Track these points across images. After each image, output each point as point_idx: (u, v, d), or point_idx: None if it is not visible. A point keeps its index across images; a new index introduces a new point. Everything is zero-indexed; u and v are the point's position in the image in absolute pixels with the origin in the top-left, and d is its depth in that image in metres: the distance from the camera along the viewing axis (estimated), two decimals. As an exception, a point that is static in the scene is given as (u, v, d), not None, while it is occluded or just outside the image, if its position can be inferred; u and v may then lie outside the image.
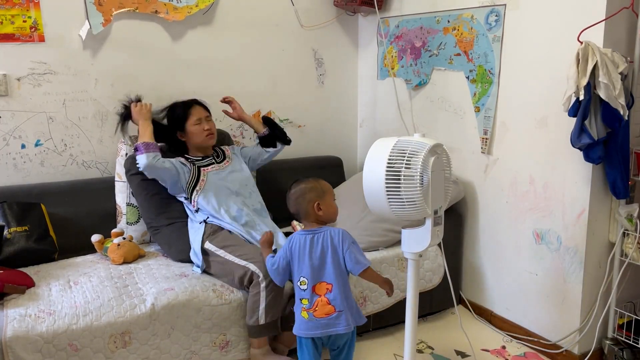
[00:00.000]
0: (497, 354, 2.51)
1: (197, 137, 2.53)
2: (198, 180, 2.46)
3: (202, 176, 2.48)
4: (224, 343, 2.16)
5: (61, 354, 1.87)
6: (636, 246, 2.22)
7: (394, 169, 1.79)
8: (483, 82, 2.64)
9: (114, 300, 2.01)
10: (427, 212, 1.83)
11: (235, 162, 2.65)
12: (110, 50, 2.75)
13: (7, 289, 1.97)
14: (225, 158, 2.63)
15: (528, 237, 2.53)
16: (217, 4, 2.97)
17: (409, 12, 3.03)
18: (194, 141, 2.55)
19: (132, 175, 2.52)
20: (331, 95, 3.46)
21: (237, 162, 2.66)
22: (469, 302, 2.85)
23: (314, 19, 3.29)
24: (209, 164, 2.54)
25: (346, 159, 3.46)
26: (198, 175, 2.48)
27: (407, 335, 2.03)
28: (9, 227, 2.30)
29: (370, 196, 1.85)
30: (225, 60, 3.06)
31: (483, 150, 2.69)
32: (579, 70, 2.02)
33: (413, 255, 1.96)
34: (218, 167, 2.55)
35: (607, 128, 2.11)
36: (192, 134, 2.53)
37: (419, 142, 1.82)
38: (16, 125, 2.59)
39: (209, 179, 2.47)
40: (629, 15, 2.13)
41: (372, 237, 2.60)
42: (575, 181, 2.29)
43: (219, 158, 2.61)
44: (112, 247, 2.38)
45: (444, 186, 1.93)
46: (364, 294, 2.48)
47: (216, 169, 2.54)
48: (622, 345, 2.33)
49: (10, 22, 2.49)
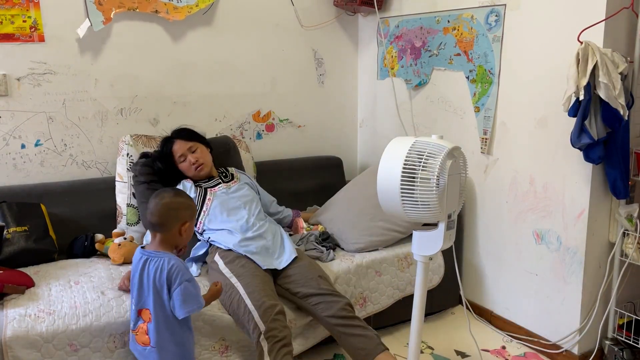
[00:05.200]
0: (497, 354, 2.50)
1: (187, 173, 2.50)
2: (204, 201, 2.43)
3: (208, 195, 2.45)
4: (223, 348, 2.15)
5: (60, 353, 1.87)
6: (636, 246, 2.22)
7: (410, 170, 1.75)
8: (483, 82, 2.64)
9: (114, 301, 2.01)
10: (441, 215, 1.80)
11: (243, 182, 2.60)
12: (110, 50, 2.74)
13: (7, 289, 1.97)
14: (233, 178, 2.59)
15: (528, 237, 2.52)
16: (218, 4, 2.97)
17: (409, 12, 3.03)
18: (186, 174, 2.51)
19: (141, 184, 2.51)
20: (331, 95, 3.46)
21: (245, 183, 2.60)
22: (469, 302, 2.85)
23: (314, 19, 3.29)
24: (216, 184, 2.51)
25: (346, 159, 3.46)
26: (204, 195, 2.45)
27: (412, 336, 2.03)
28: (8, 227, 2.30)
29: (383, 195, 1.81)
30: (225, 60, 3.06)
31: (483, 150, 2.69)
32: (579, 70, 2.01)
33: (423, 258, 1.94)
34: (225, 186, 2.51)
35: (607, 128, 2.11)
36: (182, 170, 2.50)
37: (437, 145, 1.77)
38: (16, 125, 2.59)
39: (216, 197, 2.44)
40: (629, 15, 2.13)
41: (372, 237, 2.60)
42: (575, 181, 2.29)
43: (227, 178, 2.58)
44: (113, 247, 2.38)
45: (460, 190, 1.89)
46: (364, 294, 2.48)
47: (224, 187, 2.50)
48: (622, 346, 2.33)
49: (10, 22, 2.49)
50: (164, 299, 1.78)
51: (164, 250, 1.83)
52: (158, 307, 1.79)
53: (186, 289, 1.77)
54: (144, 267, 1.81)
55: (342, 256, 2.53)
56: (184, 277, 1.77)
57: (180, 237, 1.86)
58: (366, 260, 2.50)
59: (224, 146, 2.83)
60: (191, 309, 1.78)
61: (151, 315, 1.79)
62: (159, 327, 1.79)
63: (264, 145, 3.25)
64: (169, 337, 1.80)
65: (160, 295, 1.78)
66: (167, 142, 2.54)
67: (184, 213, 1.87)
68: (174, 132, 2.58)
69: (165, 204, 1.83)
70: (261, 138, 3.26)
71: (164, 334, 1.80)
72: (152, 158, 2.55)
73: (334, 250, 2.57)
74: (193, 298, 1.79)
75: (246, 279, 2.13)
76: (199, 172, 2.49)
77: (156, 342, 1.79)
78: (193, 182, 2.49)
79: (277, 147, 3.30)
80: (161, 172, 2.49)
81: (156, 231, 1.85)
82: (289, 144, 3.35)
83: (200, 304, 1.82)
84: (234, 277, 2.14)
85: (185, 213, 1.87)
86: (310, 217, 2.87)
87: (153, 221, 1.84)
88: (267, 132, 3.27)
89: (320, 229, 2.69)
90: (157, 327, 1.79)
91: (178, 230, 1.85)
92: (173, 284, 1.77)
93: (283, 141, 3.33)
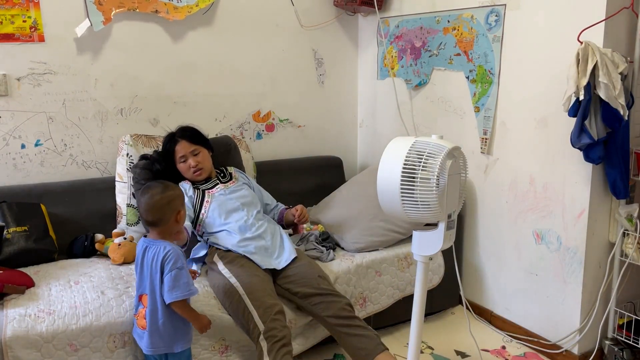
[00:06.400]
0: (497, 354, 2.50)
1: (185, 174, 2.48)
2: (202, 203, 2.42)
3: (206, 197, 2.44)
4: (223, 348, 2.15)
5: (61, 353, 1.87)
6: (636, 246, 2.22)
7: (410, 170, 1.75)
8: (483, 82, 2.64)
9: (114, 301, 2.01)
10: (441, 215, 1.80)
11: (241, 182, 2.59)
12: (110, 50, 2.74)
13: (7, 289, 1.97)
14: (231, 178, 2.58)
15: (528, 237, 2.52)
16: (218, 4, 2.97)
17: (409, 12, 3.03)
18: (184, 176, 2.49)
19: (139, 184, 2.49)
20: (331, 95, 3.46)
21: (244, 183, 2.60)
22: (469, 302, 2.85)
23: (314, 19, 3.29)
24: (213, 186, 2.50)
25: (346, 159, 3.46)
26: (202, 197, 2.44)
27: (412, 336, 2.02)
28: (8, 227, 2.30)
29: (383, 195, 1.81)
30: (225, 60, 3.06)
31: (483, 150, 2.69)
32: (579, 70, 2.01)
33: (423, 258, 1.94)
34: (223, 187, 2.50)
35: (607, 128, 2.11)
36: (181, 170, 2.48)
37: (437, 145, 1.77)
38: (16, 125, 2.59)
39: (214, 199, 2.44)
40: (629, 15, 2.13)
41: (372, 237, 2.60)
42: (575, 181, 2.29)
43: (225, 178, 2.57)
44: (113, 247, 2.38)
45: (459, 190, 1.89)
46: (364, 294, 2.48)
47: (221, 188, 2.49)
48: (622, 346, 2.33)
49: (10, 22, 2.49)
50: (157, 284, 1.84)
51: (163, 239, 1.90)
52: (153, 292, 1.85)
53: (176, 276, 1.82)
54: (144, 254, 1.89)
55: (342, 256, 2.53)
56: (175, 265, 1.83)
57: (177, 224, 1.94)
58: (366, 260, 2.50)
59: (224, 146, 2.82)
60: (179, 294, 1.83)
61: (148, 300, 1.86)
62: (153, 311, 1.85)
63: (264, 145, 3.25)
64: (163, 321, 1.86)
65: (155, 280, 1.85)
66: (171, 140, 2.51)
67: (176, 203, 1.93)
68: (179, 130, 2.54)
69: (157, 201, 1.88)
70: (261, 138, 3.26)
71: (158, 318, 1.85)
72: (151, 160, 2.54)
73: (334, 250, 2.57)
74: (183, 285, 1.84)
75: (245, 279, 2.13)
76: (197, 176, 2.47)
77: (150, 326, 1.86)
78: (191, 184, 2.49)
79: (277, 147, 3.30)
80: (159, 173, 2.48)
81: (153, 227, 1.92)
82: (289, 144, 3.35)
83: (190, 292, 1.86)
84: (233, 277, 2.14)
85: (176, 203, 1.93)
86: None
87: (149, 219, 1.91)
88: (267, 132, 3.27)
89: (320, 229, 2.69)
90: (152, 311, 1.85)
91: (174, 220, 1.92)
92: (165, 270, 1.83)
93: (283, 141, 3.33)
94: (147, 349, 1.87)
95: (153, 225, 1.91)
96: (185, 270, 1.87)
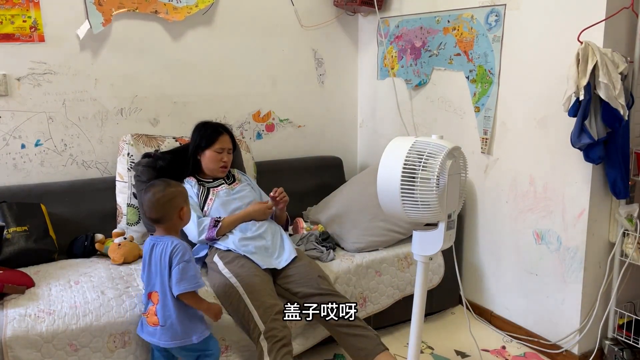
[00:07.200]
0: (497, 354, 2.50)
1: (212, 164, 2.48)
2: (206, 200, 2.44)
3: (210, 195, 2.46)
4: (223, 348, 2.15)
5: (60, 353, 1.87)
6: (636, 246, 2.22)
7: (410, 170, 1.75)
8: (483, 82, 2.64)
9: (114, 301, 2.01)
10: (442, 215, 1.80)
11: (244, 184, 2.61)
12: (110, 50, 2.74)
13: (7, 289, 1.97)
14: (235, 180, 2.60)
15: (528, 237, 2.52)
16: (217, 4, 2.97)
17: (409, 12, 3.03)
18: (206, 165, 2.50)
19: (142, 183, 2.50)
20: (331, 95, 3.46)
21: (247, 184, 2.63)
22: (469, 302, 2.85)
23: (314, 19, 3.29)
24: (219, 185, 2.52)
25: (346, 159, 3.46)
26: (207, 194, 2.46)
27: (412, 336, 2.02)
28: (8, 227, 2.30)
29: (383, 195, 1.81)
30: (225, 60, 3.06)
31: (483, 150, 2.69)
32: (579, 70, 2.01)
33: (424, 258, 1.94)
34: (228, 187, 2.52)
35: (607, 128, 2.11)
36: (209, 159, 2.49)
37: (437, 144, 1.77)
38: (16, 125, 2.59)
39: (217, 197, 2.45)
40: (629, 15, 2.13)
41: (372, 237, 2.60)
42: (575, 181, 2.29)
43: (229, 180, 2.58)
44: (113, 247, 2.38)
45: (459, 190, 1.89)
46: (364, 294, 2.48)
47: (226, 189, 2.51)
48: (622, 346, 2.33)
49: (10, 22, 2.49)
50: (167, 278, 1.86)
51: (169, 235, 1.93)
52: (164, 287, 1.87)
53: (184, 268, 1.85)
54: (152, 252, 1.91)
55: (342, 256, 2.53)
56: (183, 258, 1.86)
57: (181, 221, 1.97)
58: (366, 260, 2.50)
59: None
60: (187, 286, 1.85)
61: (159, 296, 1.88)
62: (163, 304, 1.87)
63: (264, 145, 3.25)
64: (177, 315, 1.87)
65: (165, 275, 1.87)
66: (215, 131, 2.51)
67: (178, 200, 1.95)
68: (220, 126, 2.56)
69: (159, 199, 1.91)
70: (261, 138, 3.26)
71: (171, 312, 1.87)
72: (155, 158, 2.55)
73: (334, 250, 2.57)
74: (191, 277, 1.86)
75: (246, 279, 2.13)
76: (221, 172, 2.51)
77: (164, 321, 1.87)
78: (196, 181, 2.49)
79: (277, 147, 3.30)
80: (163, 171, 2.49)
81: (158, 224, 1.95)
82: (289, 144, 3.35)
83: (198, 284, 1.88)
84: (233, 277, 2.14)
85: (179, 200, 1.95)
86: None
87: (152, 217, 1.94)
88: (267, 132, 3.27)
89: (320, 229, 2.69)
90: (164, 306, 1.87)
91: (178, 217, 1.94)
92: (173, 263, 1.86)
93: (283, 141, 3.33)
94: (166, 342, 1.88)
95: (157, 222, 1.94)
96: (192, 263, 1.89)
